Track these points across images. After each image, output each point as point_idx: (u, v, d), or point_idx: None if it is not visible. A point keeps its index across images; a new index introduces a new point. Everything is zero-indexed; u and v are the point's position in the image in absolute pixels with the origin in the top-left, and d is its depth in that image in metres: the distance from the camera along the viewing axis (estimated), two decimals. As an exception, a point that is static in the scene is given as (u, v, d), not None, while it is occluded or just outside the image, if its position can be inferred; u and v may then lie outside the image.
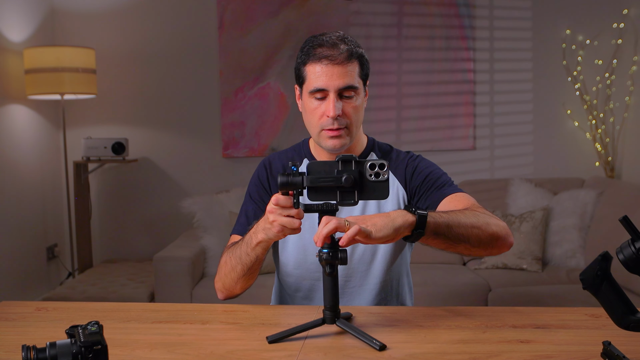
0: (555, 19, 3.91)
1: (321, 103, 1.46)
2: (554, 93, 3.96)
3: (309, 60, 1.46)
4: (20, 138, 3.58)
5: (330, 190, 1.19)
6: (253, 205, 1.61)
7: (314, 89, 1.46)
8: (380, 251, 1.56)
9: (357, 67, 1.47)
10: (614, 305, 0.97)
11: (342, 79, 1.44)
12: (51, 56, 3.42)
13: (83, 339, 0.97)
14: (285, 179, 1.19)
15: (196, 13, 3.95)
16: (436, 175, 1.59)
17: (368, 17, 3.92)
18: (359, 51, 1.48)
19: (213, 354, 1.18)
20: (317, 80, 1.45)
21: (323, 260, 1.20)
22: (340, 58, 1.43)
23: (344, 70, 1.43)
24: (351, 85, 1.45)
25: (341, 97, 1.46)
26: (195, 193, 3.81)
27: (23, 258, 3.56)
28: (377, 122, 3.96)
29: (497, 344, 1.20)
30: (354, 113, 1.48)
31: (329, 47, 1.44)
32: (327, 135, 1.48)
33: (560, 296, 2.97)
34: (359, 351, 1.18)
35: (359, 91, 1.48)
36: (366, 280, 1.57)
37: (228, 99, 3.95)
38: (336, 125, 1.46)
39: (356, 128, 1.51)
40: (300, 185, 1.19)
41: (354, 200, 1.19)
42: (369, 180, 1.18)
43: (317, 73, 1.45)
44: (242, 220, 1.60)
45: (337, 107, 1.44)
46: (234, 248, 1.47)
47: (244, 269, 1.44)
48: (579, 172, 3.91)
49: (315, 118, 1.48)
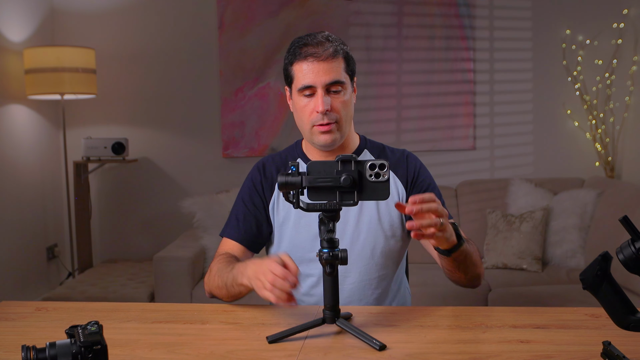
0: (555, 19, 3.91)
1: (310, 100, 1.51)
2: (554, 93, 3.96)
3: (296, 59, 1.51)
4: (20, 138, 3.58)
5: (329, 190, 1.19)
6: (244, 208, 1.62)
7: (302, 87, 1.50)
8: (378, 248, 1.58)
9: (342, 63, 1.51)
10: (614, 305, 0.97)
11: (329, 74, 1.48)
12: (51, 56, 3.42)
13: (83, 339, 0.97)
14: (284, 179, 1.19)
15: (196, 13, 3.95)
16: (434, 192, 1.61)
17: (368, 17, 3.92)
18: (344, 48, 1.53)
19: (213, 354, 1.18)
20: (304, 78, 1.50)
21: (323, 260, 1.20)
22: (325, 54, 1.48)
23: (329, 66, 1.48)
24: (338, 80, 1.49)
25: (329, 93, 1.50)
26: (195, 193, 3.81)
27: (23, 258, 3.56)
28: (377, 122, 3.96)
29: (497, 344, 1.20)
30: (343, 108, 1.52)
31: (314, 46, 1.49)
32: (318, 131, 1.52)
33: (560, 296, 2.97)
34: (359, 351, 1.18)
35: (346, 86, 1.52)
36: (365, 276, 1.58)
37: (228, 99, 3.95)
38: (326, 120, 1.49)
39: (346, 123, 1.54)
40: (299, 185, 1.19)
41: (354, 200, 1.19)
42: (369, 180, 1.18)
43: (304, 71, 1.50)
44: (233, 224, 1.61)
45: (325, 102, 1.48)
46: (223, 270, 1.47)
47: (228, 294, 1.46)
48: (579, 172, 3.90)
49: (305, 115, 1.52)
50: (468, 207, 3.67)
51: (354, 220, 1.58)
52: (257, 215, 1.61)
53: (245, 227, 1.60)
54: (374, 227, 1.57)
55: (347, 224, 1.58)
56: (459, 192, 3.72)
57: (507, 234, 3.36)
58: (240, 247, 1.60)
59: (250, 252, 1.62)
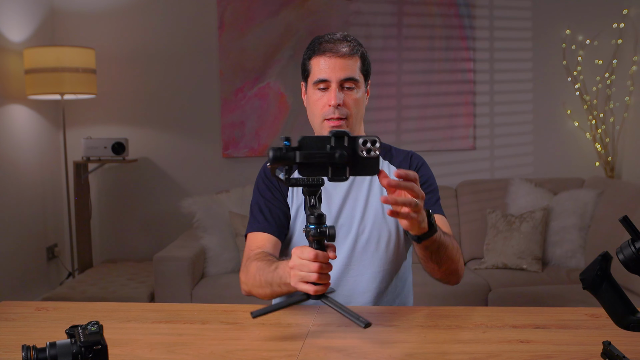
0: (555, 19, 3.91)
1: (324, 94, 1.56)
2: (554, 93, 3.96)
3: (314, 54, 1.57)
4: (20, 138, 3.58)
5: (322, 166, 1.18)
6: (265, 201, 1.62)
7: (317, 80, 1.56)
8: (383, 242, 1.59)
9: (358, 62, 1.57)
10: (614, 305, 0.97)
11: (344, 70, 1.54)
12: (51, 56, 3.42)
13: (83, 339, 0.97)
14: (277, 153, 1.15)
15: (196, 13, 3.95)
16: (430, 188, 1.64)
17: (368, 17, 3.92)
18: (361, 49, 1.59)
19: (213, 354, 1.18)
20: (320, 72, 1.55)
21: (310, 235, 1.18)
22: (342, 51, 1.54)
23: (345, 62, 1.54)
24: (352, 77, 1.55)
25: (343, 89, 1.55)
26: (195, 193, 3.81)
27: (23, 258, 3.56)
28: (377, 122, 3.96)
29: (497, 344, 1.20)
30: (354, 105, 1.56)
31: (332, 43, 1.56)
32: (328, 125, 1.56)
33: (560, 296, 2.97)
34: (360, 351, 1.18)
35: (360, 84, 1.57)
36: (368, 269, 1.59)
37: (228, 99, 3.95)
38: (337, 114, 1.54)
39: (356, 121, 1.58)
40: (292, 160, 1.16)
41: (346, 176, 1.18)
42: (361, 156, 1.17)
43: (320, 65, 1.56)
44: (259, 217, 1.60)
45: (338, 97, 1.54)
46: (265, 269, 1.43)
47: (273, 293, 1.44)
48: (579, 172, 3.91)
49: (318, 108, 1.57)
50: (468, 207, 3.67)
51: (360, 214, 1.59)
52: (280, 205, 1.62)
53: (273, 217, 1.59)
54: (379, 221, 1.59)
55: (353, 218, 1.59)
56: (459, 192, 3.72)
57: (507, 234, 3.36)
58: (271, 238, 1.58)
59: (280, 244, 1.60)
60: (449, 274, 1.48)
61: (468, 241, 3.59)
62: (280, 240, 1.60)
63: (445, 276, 1.49)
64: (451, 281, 1.53)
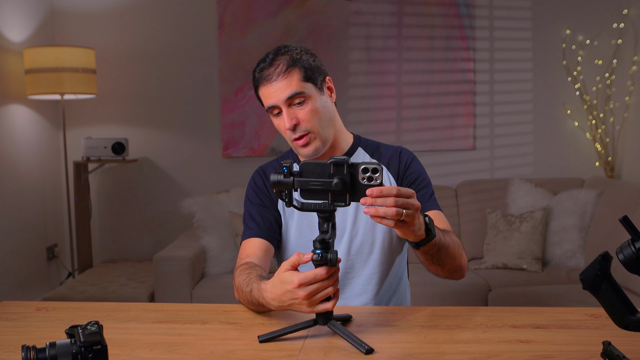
0: (555, 19, 3.91)
1: (281, 118, 1.53)
2: (554, 93, 3.96)
3: (257, 85, 1.55)
4: (20, 138, 3.58)
5: (322, 191, 1.19)
6: (256, 207, 1.62)
7: (267, 108, 1.54)
8: (377, 243, 1.59)
9: (297, 74, 1.51)
10: (614, 305, 0.97)
11: (285, 90, 1.49)
12: (51, 56, 3.42)
13: (83, 339, 0.97)
14: (277, 177, 1.19)
15: (196, 13, 3.95)
16: (423, 184, 1.63)
17: (368, 17, 3.92)
18: (295, 57, 1.52)
19: (213, 354, 1.18)
20: (266, 100, 1.53)
21: (313, 261, 1.19)
22: (275, 74, 1.50)
23: (281, 84, 1.50)
24: (294, 92, 1.50)
25: (293, 106, 1.51)
26: (195, 193, 3.81)
27: (23, 258, 3.56)
28: (377, 122, 3.96)
29: (497, 344, 1.20)
30: (312, 117, 1.51)
31: (267, 68, 1.52)
32: (297, 145, 1.54)
33: (560, 296, 2.97)
34: (360, 351, 1.17)
35: (309, 94, 1.52)
36: (364, 271, 1.59)
37: (228, 99, 3.95)
38: (298, 134, 1.52)
39: (323, 129, 1.54)
40: (290, 186, 1.19)
41: (346, 202, 1.19)
42: (362, 184, 1.17)
43: (264, 94, 1.53)
44: (252, 225, 1.59)
45: (290, 118, 1.50)
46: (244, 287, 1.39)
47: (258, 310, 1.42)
48: (579, 172, 3.91)
49: (282, 132, 1.56)
50: (468, 207, 3.67)
51: (352, 216, 1.59)
52: (271, 211, 1.61)
53: (264, 222, 1.59)
54: (372, 222, 1.58)
55: (346, 220, 1.59)
56: (459, 192, 3.72)
57: (507, 234, 3.36)
58: (262, 243, 1.56)
59: (272, 248, 1.59)
60: (452, 271, 1.48)
61: (468, 241, 3.59)
62: (272, 245, 1.59)
63: (449, 274, 1.49)
64: (456, 277, 1.52)
